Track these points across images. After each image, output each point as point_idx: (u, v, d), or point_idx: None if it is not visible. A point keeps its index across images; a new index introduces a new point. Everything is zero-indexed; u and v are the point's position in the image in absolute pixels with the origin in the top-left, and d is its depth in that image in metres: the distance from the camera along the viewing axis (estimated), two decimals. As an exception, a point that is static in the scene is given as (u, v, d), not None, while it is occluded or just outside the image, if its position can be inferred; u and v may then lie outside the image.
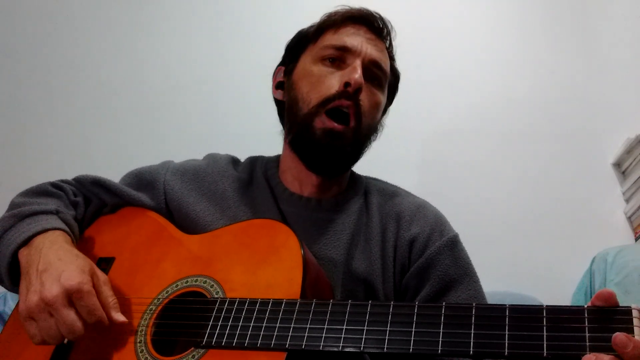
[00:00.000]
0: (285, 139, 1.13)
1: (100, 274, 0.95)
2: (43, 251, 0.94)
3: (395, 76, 1.19)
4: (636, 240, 1.80)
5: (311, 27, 1.15)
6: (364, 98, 1.05)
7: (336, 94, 1.04)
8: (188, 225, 1.09)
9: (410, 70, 1.98)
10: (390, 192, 1.16)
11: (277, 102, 1.17)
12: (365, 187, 1.17)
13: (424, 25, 2.06)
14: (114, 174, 1.19)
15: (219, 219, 1.09)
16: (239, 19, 2.09)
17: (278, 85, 1.16)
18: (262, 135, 1.20)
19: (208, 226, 1.07)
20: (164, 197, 1.13)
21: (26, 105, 1.98)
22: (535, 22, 2.08)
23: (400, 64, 1.19)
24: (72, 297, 0.88)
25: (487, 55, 2.04)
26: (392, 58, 1.16)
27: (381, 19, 1.13)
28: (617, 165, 1.91)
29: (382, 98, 1.12)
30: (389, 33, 1.15)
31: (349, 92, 1.03)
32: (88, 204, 1.14)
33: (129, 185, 1.15)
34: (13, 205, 1.06)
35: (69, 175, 1.17)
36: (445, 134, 1.96)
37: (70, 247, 0.97)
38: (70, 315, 0.87)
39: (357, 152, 1.10)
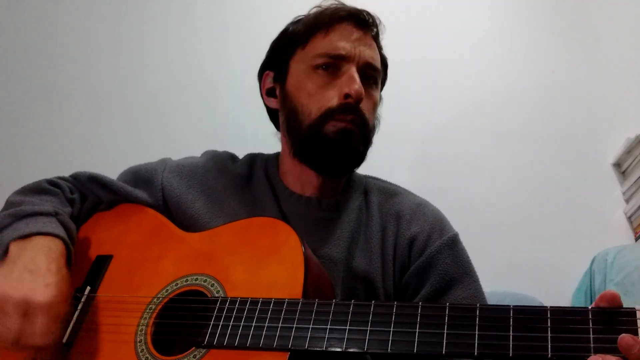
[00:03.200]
0: (285, 145, 1.12)
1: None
2: (39, 253, 0.91)
3: (385, 65, 1.16)
4: (636, 240, 1.80)
5: (295, 24, 1.12)
6: (364, 102, 1.04)
7: (338, 107, 1.02)
8: (187, 222, 1.08)
9: (410, 69, 2.01)
10: (390, 191, 1.16)
11: (269, 108, 1.15)
12: (365, 186, 1.16)
13: (424, 25, 2.06)
14: (112, 171, 1.18)
15: (218, 216, 1.08)
16: (238, 18, 2.08)
17: (269, 92, 1.14)
18: (261, 133, 1.19)
19: (207, 224, 1.06)
20: (162, 194, 1.12)
21: (25, 104, 1.97)
22: (535, 21, 2.07)
23: (401, 63, 1.18)
24: (32, 310, 0.84)
25: (487, 55, 2.03)
26: (379, 47, 1.14)
27: (367, 13, 1.11)
28: (617, 165, 1.91)
29: (379, 95, 1.12)
30: (375, 23, 1.12)
31: (350, 103, 1.02)
32: (84, 201, 1.13)
33: (126, 183, 1.14)
34: (9, 204, 1.04)
35: (67, 172, 1.16)
36: (445, 133, 1.95)
37: (64, 264, 0.94)
38: (16, 324, 0.83)
39: (366, 152, 1.09)
